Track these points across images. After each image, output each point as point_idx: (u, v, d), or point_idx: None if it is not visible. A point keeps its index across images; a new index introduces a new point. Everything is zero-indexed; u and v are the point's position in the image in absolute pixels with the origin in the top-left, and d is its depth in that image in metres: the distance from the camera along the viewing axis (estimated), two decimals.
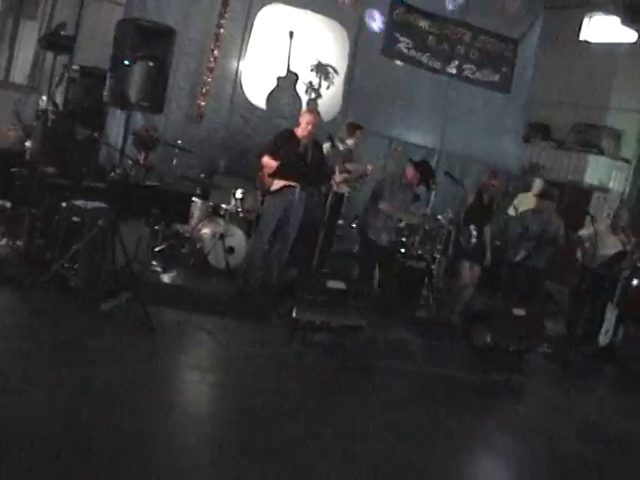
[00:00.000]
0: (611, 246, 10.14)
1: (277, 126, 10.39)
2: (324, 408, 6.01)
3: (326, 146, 9.13)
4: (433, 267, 10.05)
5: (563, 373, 8.94)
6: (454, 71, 13.03)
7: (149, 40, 7.15)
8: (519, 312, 8.44)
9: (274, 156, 8.55)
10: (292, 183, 8.43)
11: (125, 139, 7.42)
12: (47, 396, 4.92)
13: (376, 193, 9.19)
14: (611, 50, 15.94)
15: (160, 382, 5.74)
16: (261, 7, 11.45)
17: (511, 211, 11.14)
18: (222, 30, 11.01)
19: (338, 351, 7.47)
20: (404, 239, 10.27)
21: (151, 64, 7.13)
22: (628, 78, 16.05)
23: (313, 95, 11.86)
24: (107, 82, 7.58)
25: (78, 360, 5.71)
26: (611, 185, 15.80)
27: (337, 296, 7.32)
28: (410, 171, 9.21)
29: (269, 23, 11.53)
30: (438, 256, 10.15)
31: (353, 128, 10.08)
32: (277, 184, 8.63)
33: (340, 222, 10.36)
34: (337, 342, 7.56)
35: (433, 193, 10.07)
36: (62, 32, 9.31)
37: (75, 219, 7.39)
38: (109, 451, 4.38)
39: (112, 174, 8.71)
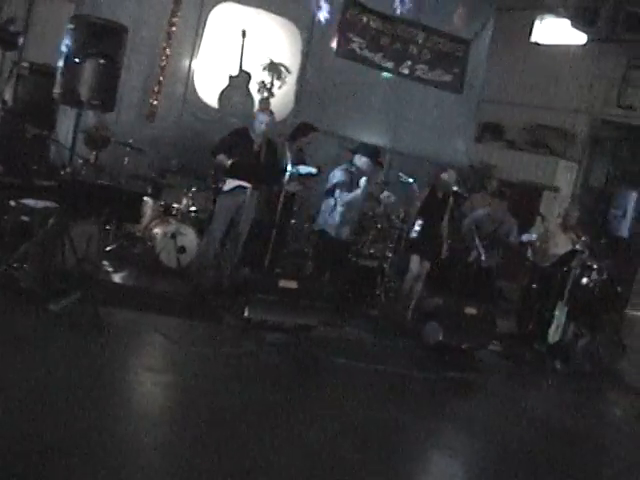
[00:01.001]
0: (561, 245, 10.28)
1: (229, 125, 10.32)
2: (278, 407, 6.00)
3: (279, 145, 9.12)
4: (385, 266, 10.08)
5: (514, 370, 9.10)
6: (407, 71, 13.10)
7: (100, 38, 7.10)
8: (471, 311, 8.53)
9: (228, 155, 8.54)
10: (244, 183, 8.42)
11: (75, 138, 7.33)
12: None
13: (331, 183, 9.11)
14: (561, 52, 16.18)
15: (111, 384, 5.67)
16: (214, 6, 11.40)
17: (466, 210, 11.25)
18: (174, 29, 10.93)
19: (291, 350, 7.46)
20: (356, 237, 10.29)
21: (102, 62, 7.06)
22: (578, 80, 16.33)
23: (265, 94, 11.83)
24: (57, 79, 7.49)
25: (27, 362, 5.62)
26: (561, 185, 16.01)
27: (289, 295, 7.32)
28: (363, 162, 9.15)
29: (222, 22, 11.48)
30: (390, 255, 10.17)
31: (307, 128, 10.05)
32: (230, 183, 8.62)
33: (293, 221, 10.34)
34: (290, 341, 7.56)
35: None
36: (11, 28, 9.18)
37: (24, 218, 7.30)
38: (61, 454, 4.33)
39: (62, 173, 8.60)
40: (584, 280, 10.08)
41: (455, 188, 9.62)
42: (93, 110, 9.13)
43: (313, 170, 9.24)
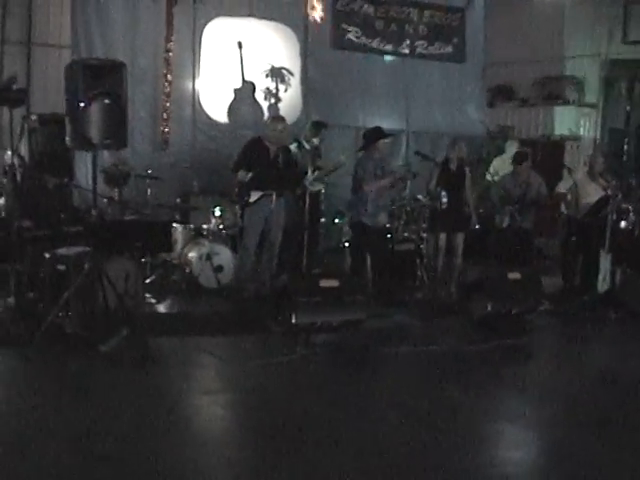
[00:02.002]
0: (592, 193, 10.14)
1: (242, 137, 10.38)
2: (340, 407, 6.00)
3: (293, 148, 9.18)
4: (422, 247, 10.06)
5: (568, 327, 8.98)
6: (407, 50, 13.11)
7: (100, 78, 7.12)
8: (514, 276, 8.45)
9: (247, 168, 8.60)
10: (268, 192, 8.47)
11: (95, 178, 7.41)
12: (69, 445, 4.92)
13: (358, 180, 9.15)
14: (554, 1, 16.02)
15: (174, 412, 5.70)
16: (205, 24, 11.50)
17: (489, 177, 11.20)
18: (171, 54, 11.04)
19: (344, 347, 7.48)
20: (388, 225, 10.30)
21: (107, 101, 7.10)
22: (577, 25, 16.10)
23: (273, 100, 11.90)
24: (67, 126, 7.56)
25: (89, 405, 5.69)
26: (582, 133, 15.84)
27: (332, 294, 7.32)
28: (381, 145, 9.18)
29: (216, 38, 11.58)
30: (425, 235, 10.15)
31: (318, 126, 10.09)
32: (254, 195, 8.70)
33: (322, 220, 10.38)
34: (341, 339, 7.57)
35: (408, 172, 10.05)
36: (14, 85, 9.28)
37: (60, 267, 7.36)
38: None
39: (89, 216, 8.69)
40: (622, 224, 9.99)
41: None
42: (107, 150, 9.24)
43: (332, 165, 9.31)
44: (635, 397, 6.61)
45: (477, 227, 10.00)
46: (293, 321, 7.10)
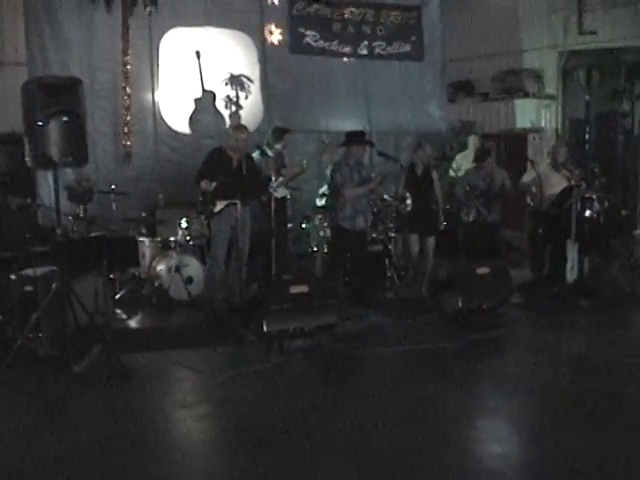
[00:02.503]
0: (556, 184, 10.21)
1: (205, 147, 10.37)
2: (319, 411, 6.01)
3: (256, 156, 9.18)
4: (390, 247, 10.08)
5: (539, 318, 9.04)
6: (365, 52, 13.14)
7: (57, 95, 7.04)
8: (483, 270, 8.53)
9: (210, 178, 8.58)
10: (233, 200, 8.45)
11: (58, 197, 7.34)
12: (45, 466, 4.90)
13: (336, 185, 9.17)
14: None
15: (151, 427, 5.69)
16: (162, 35, 11.45)
17: (452, 173, 11.24)
18: (129, 67, 10.98)
19: (318, 352, 7.48)
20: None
21: (65, 119, 7.03)
22: (533, 18, 16.24)
23: (234, 108, 11.88)
24: (26, 146, 7.49)
25: (64, 426, 5.66)
26: (543, 124, 15.97)
27: (303, 299, 7.32)
28: (355, 149, 9.22)
29: (174, 48, 11.54)
30: (393, 235, 10.17)
31: (280, 132, 10.09)
32: (219, 205, 8.69)
33: (289, 225, 10.38)
34: (315, 344, 7.58)
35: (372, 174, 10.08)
36: None
37: (28, 288, 7.31)
38: None
39: (54, 235, 8.62)
40: (587, 213, 10.05)
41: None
42: (68, 167, 9.17)
43: (293, 170, 9.36)
44: (612, 384, 6.69)
45: (444, 224, 10.06)
46: (265, 329, 7.11)
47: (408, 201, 9.27)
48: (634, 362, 7.34)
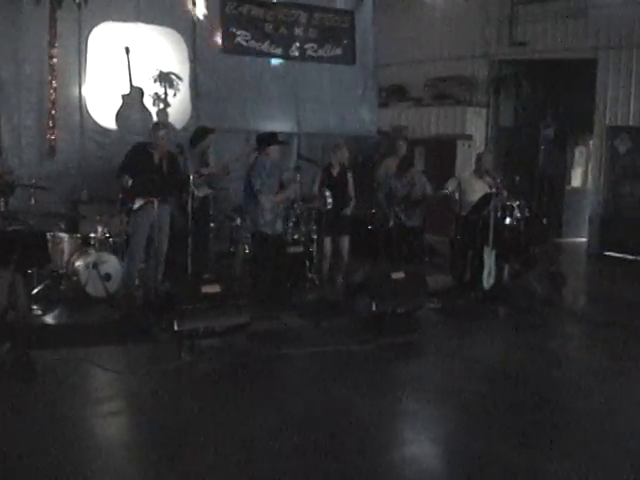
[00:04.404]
0: (479, 191, 10.37)
1: (131, 144, 10.23)
2: (225, 411, 6.07)
3: (178, 154, 9.14)
4: (312, 249, 10.15)
5: (455, 323, 9.20)
6: (296, 53, 13.15)
7: None
8: (398, 275, 8.64)
9: (130, 174, 8.56)
10: (152, 198, 8.44)
11: None
12: None
13: (252, 189, 9.20)
14: (443, 3, 16.40)
15: (60, 424, 5.68)
16: (91, 29, 11.30)
17: (380, 176, 11.33)
18: (55, 60, 10.82)
19: (229, 352, 7.53)
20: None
21: None
22: (469, 25, 16.53)
23: (161, 106, 11.80)
24: None
25: None
26: (473, 132, 16.23)
27: (214, 299, 7.35)
28: (271, 151, 9.27)
29: (103, 43, 11.39)
30: (315, 237, 10.24)
31: (204, 132, 10.10)
32: (137, 202, 8.66)
33: (212, 224, 10.38)
34: (226, 343, 7.61)
35: (298, 176, 10.13)
36: None
37: None
38: None
39: None
40: (507, 220, 10.24)
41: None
42: None
43: (214, 170, 9.40)
44: (524, 389, 6.86)
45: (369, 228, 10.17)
46: (175, 328, 7.12)
47: (329, 199, 9.35)
48: (545, 367, 7.57)
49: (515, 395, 6.70)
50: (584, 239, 15.45)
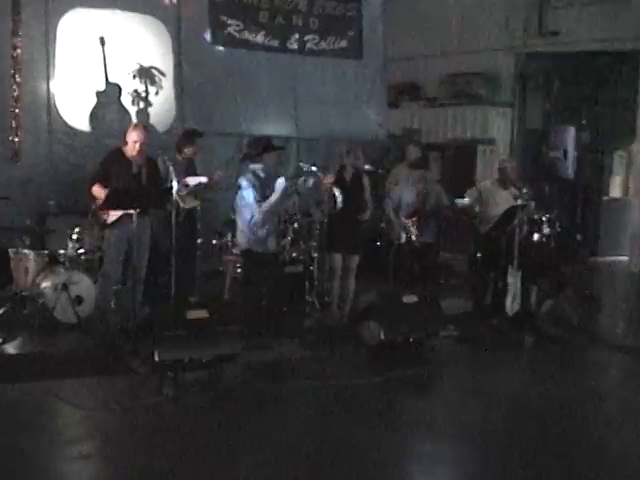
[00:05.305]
0: (503, 203, 10.35)
1: (107, 148, 10.17)
2: (210, 454, 6.06)
3: (160, 161, 9.19)
4: (312, 268, 10.19)
5: (474, 354, 9.21)
6: (295, 46, 13.23)
7: None
8: (410, 299, 8.66)
9: (105, 183, 8.61)
10: (130, 211, 8.48)
11: None
12: None
13: (241, 202, 9.23)
14: None
15: (22, 473, 5.64)
16: (60, 16, 11.33)
17: (389, 186, 11.37)
18: (19, 51, 10.87)
19: (217, 386, 7.53)
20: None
21: None
22: (492, 15, 16.56)
23: (142, 105, 11.87)
24: None
25: None
26: (496, 135, 16.26)
27: (201, 326, 7.38)
28: (265, 158, 9.28)
29: (74, 32, 11.42)
30: (316, 255, 10.27)
31: (191, 136, 10.12)
32: (114, 215, 8.69)
33: (199, 241, 10.42)
34: (214, 376, 7.62)
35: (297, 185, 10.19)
36: None
37: None
38: None
39: None
40: (535, 236, 10.27)
41: (367, 167, 9.80)
42: None
43: (203, 179, 9.39)
44: (548, 430, 6.84)
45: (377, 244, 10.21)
46: (156, 358, 7.14)
47: (339, 198, 9.33)
48: (578, 406, 7.56)
49: (542, 438, 6.67)
50: (625, 257, 15.41)
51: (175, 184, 8.43)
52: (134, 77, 11.87)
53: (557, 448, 6.45)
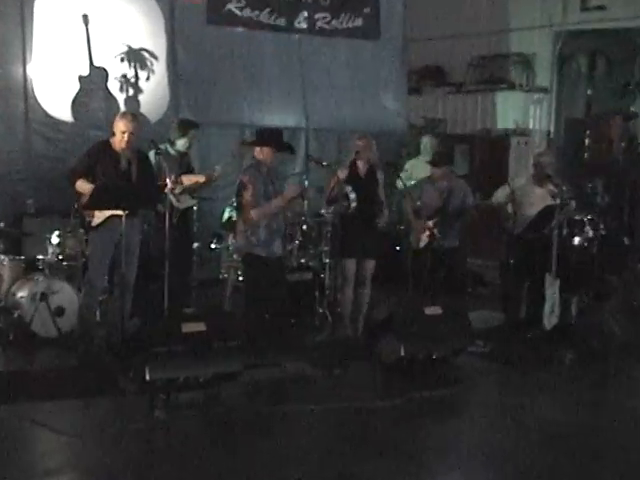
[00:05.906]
0: (539, 203, 10.38)
1: (91, 140, 10.21)
2: None
3: (152, 155, 9.22)
4: (323, 275, 10.20)
5: (506, 373, 9.20)
6: (304, 25, 13.23)
7: None
8: (434, 311, 8.68)
9: (90, 179, 8.63)
10: (117, 211, 8.49)
11: None
12: None
13: (241, 202, 9.21)
14: None
15: None
16: None
17: (401, 185, 11.17)
18: None
19: (215, 409, 7.56)
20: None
21: None
22: None
23: (131, 91, 11.89)
24: None
25: None
26: (531, 125, 16.23)
27: (198, 341, 7.40)
28: (265, 152, 9.24)
29: (53, 10, 11.42)
30: (327, 260, 10.28)
31: (185, 127, 10.14)
32: (99, 215, 8.71)
33: (195, 245, 10.45)
34: (210, 398, 7.65)
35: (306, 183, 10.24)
36: None
37: None
38: None
39: None
40: (576, 240, 10.25)
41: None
42: None
43: (200, 178, 9.43)
44: (594, 458, 6.85)
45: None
46: (147, 377, 7.16)
47: (352, 195, 9.30)
48: (623, 431, 7.55)
49: (582, 467, 6.68)
50: None
51: (168, 181, 8.46)
52: (122, 60, 11.90)
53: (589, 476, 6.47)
